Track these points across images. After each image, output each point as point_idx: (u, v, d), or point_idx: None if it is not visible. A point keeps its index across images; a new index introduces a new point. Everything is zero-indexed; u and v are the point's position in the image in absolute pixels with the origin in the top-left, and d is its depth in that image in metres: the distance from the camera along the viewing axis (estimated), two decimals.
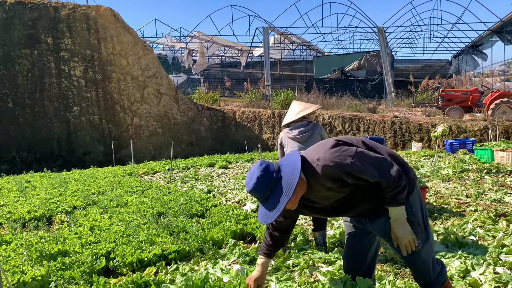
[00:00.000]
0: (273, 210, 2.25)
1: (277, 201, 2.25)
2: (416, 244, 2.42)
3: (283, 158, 2.48)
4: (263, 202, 2.32)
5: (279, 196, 2.25)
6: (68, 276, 3.64)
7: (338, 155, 2.30)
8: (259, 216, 2.38)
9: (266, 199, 2.29)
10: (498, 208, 5.55)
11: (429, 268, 2.57)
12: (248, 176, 2.35)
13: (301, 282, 3.27)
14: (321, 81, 27.89)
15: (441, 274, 2.63)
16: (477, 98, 17.33)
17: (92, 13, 16.78)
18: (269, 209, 2.28)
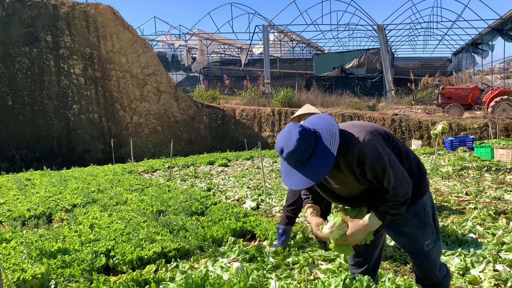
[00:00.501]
0: (317, 172, 2.09)
1: (321, 161, 2.09)
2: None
3: (311, 118, 2.31)
4: (300, 165, 2.12)
5: (322, 157, 2.09)
6: (68, 274, 3.64)
7: (379, 147, 2.20)
8: (291, 183, 2.18)
9: (306, 161, 2.11)
10: (497, 205, 5.56)
11: (436, 269, 2.54)
12: (283, 137, 2.15)
13: (301, 280, 3.28)
14: (321, 79, 27.86)
15: (447, 276, 2.60)
16: (477, 96, 17.32)
17: (91, 11, 16.75)
18: (309, 171, 2.10)
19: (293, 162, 2.13)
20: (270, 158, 13.22)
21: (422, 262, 2.51)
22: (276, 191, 7.44)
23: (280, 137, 2.17)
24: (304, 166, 2.12)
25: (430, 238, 2.44)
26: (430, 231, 2.45)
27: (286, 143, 2.11)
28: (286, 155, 2.11)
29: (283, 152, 2.12)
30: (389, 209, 2.23)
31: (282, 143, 2.13)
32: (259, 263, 3.65)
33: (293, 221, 4.21)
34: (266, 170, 10.40)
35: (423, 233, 2.43)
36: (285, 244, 4.14)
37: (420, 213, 2.40)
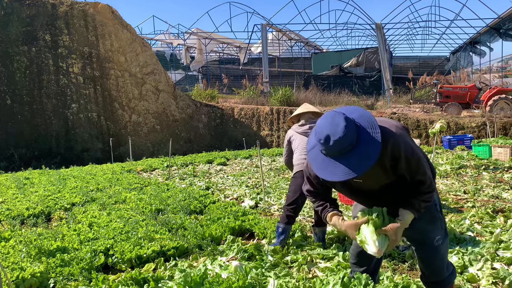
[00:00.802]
0: (363, 161, 1.96)
1: (367, 149, 1.98)
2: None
3: (343, 108, 2.17)
4: (345, 154, 1.99)
5: (367, 145, 1.98)
6: (67, 272, 3.65)
7: (409, 140, 2.20)
8: (331, 174, 2.02)
9: (351, 149, 1.98)
10: (495, 204, 5.57)
11: (444, 266, 2.52)
12: (327, 124, 2.00)
13: (300, 278, 3.29)
14: (319, 77, 27.86)
15: (453, 274, 2.58)
16: (475, 95, 17.35)
17: (90, 10, 16.72)
18: (354, 161, 1.97)
19: (337, 151, 1.98)
20: (268, 157, 13.23)
21: (431, 258, 2.49)
22: (274, 190, 7.45)
23: (322, 125, 2.02)
24: (348, 155, 1.99)
25: (440, 233, 2.45)
26: (439, 226, 2.46)
27: (333, 130, 1.96)
28: (333, 143, 1.95)
29: (329, 139, 1.95)
30: (424, 202, 2.22)
31: (327, 130, 1.97)
32: (257, 261, 3.66)
33: (293, 220, 4.22)
34: (264, 169, 10.41)
35: (433, 228, 2.43)
36: (284, 243, 4.15)
37: (432, 208, 2.40)
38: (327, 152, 2.01)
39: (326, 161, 2.04)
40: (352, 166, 1.97)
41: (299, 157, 4.26)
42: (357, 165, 1.97)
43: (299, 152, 4.29)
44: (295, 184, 4.20)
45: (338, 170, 1.99)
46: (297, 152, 4.31)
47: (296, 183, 4.20)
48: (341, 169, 1.99)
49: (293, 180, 4.27)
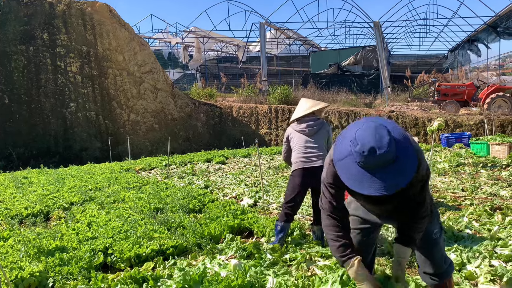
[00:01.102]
0: (400, 175, 1.92)
1: (407, 161, 1.94)
2: None
3: (373, 118, 2.09)
4: (386, 167, 1.92)
5: (406, 157, 1.94)
6: (66, 272, 3.65)
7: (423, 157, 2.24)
8: (373, 188, 1.94)
9: (393, 162, 1.92)
10: (493, 201, 5.59)
11: (442, 258, 2.57)
12: (371, 135, 1.92)
13: (298, 276, 3.30)
14: (318, 76, 27.88)
15: (451, 266, 2.62)
16: (473, 93, 17.38)
17: (88, 9, 16.69)
18: (390, 176, 1.91)
19: (379, 164, 1.91)
20: (267, 155, 13.24)
21: (430, 251, 2.53)
22: (273, 188, 7.46)
23: (364, 136, 1.93)
24: (388, 169, 1.93)
25: (437, 227, 2.51)
26: (436, 220, 2.52)
27: (378, 143, 1.89)
28: (378, 156, 1.88)
29: (375, 152, 1.88)
30: (418, 233, 2.38)
31: (372, 142, 1.89)
32: (256, 259, 3.67)
33: (291, 218, 4.23)
34: (263, 167, 10.41)
35: (431, 222, 2.48)
36: (282, 241, 4.16)
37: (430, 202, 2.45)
38: (367, 164, 1.93)
39: (362, 174, 1.96)
40: (391, 180, 1.92)
41: (297, 155, 4.26)
42: (396, 179, 1.93)
43: (297, 150, 4.29)
44: (293, 182, 4.22)
45: (376, 184, 1.93)
46: (295, 150, 4.31)
47: (294, 181, 4.21)
48: (378, 183, 1.93)
49: (291, 178, 4.28)
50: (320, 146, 4.25)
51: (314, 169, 4.12)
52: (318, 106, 4.41)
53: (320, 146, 4.24)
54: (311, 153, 4.19)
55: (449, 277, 2.61)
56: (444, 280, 2.58)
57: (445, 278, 2.58)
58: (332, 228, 2.43)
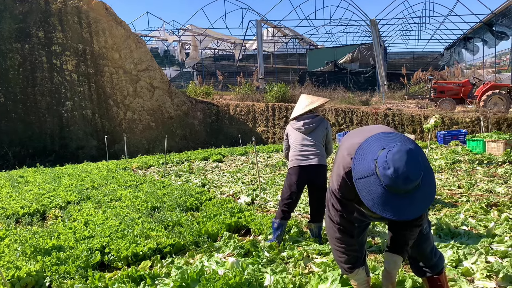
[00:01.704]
0: (423, 203, 1.96)
1: (427, 192, 1.97)
2: None
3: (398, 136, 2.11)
4: (408, 193, 1.94)
5: (427, 187, 1.98)
6: (63, 271, 3.64)
7: None
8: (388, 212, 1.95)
9: (416, 190, 1.94)
10: (489, 198, 5.61)
11: (433, 251, 2.61)
12: (407, 164, 1.89)
13: (296, 274, 3.30)
14: (314, 74, 27.87)
15: (441, 258, 2.66)
16: (469, 90, 17.43)
17: (83, 7, 16.62)
18: (414, 202, 1.94)
19: (408, 190, 1.92)
20: (264, 153, 13.24)
21: (421, 245, 2.58)
22: (270, 186, 7.46)
23: (399, 162, 1.90)
24: (413, 195, 1.95)
25: (425, 222, 2.55)
26: (425, 216, 2.56)
27: (413, 171, 1.90)
28: (410, 183, 1.90)
29: (409, 180, 1.89)
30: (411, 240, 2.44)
31: (406, 170, 1.89)
32: (254, 257, 3.67)
33: (288, 216, 4.23)
34: (260, 165, 10.42)
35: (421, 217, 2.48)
36: (280, 239, 4.16)
37: None
38: (394, 189, 1.92)
39: (386, 197, 1.95)
40: (414, 207, 1.95)
41: (294, 153, 4.27)
42: (418, 206, 1.96)
43: (293, 148, 4.31)
44: (289, 180, 4.23)
45: (398, 209, 1.95)
46: (292, 148, 4.32)
47: (290, 179, 4.23)
48: (401, 208, 1.94)
49: (288, 176, 4.30)
50: (318, 143, 4.25)
51: (310, 167, 4.13)
52: (317, 102, 4.39)
53: (317, 144, 4.24)
54: (307, 151, 4.20)
55: (440, 270, 2.64)
56: (435, 270, 2.61)
57: (437, 269, 2.62)
58: (342, 241, 2.46)
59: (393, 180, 1.89)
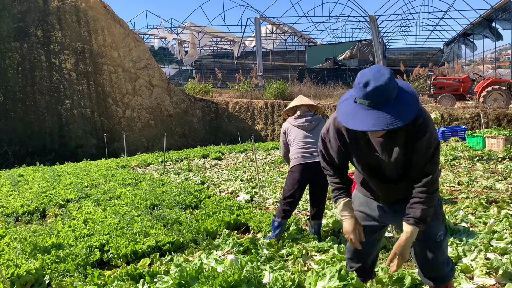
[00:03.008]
0: (391, 118, 1.93)
1: (399, 110, 1.96)
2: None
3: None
4: (376, 105, 1.96)
5: (404, 105, 1.99)
6: (62, 269, 3.64)
7: (432, 122, 2.19)
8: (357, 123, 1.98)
9: (388, 104, 1.96)
10: (489, 194, 5.61)
11: (445, 261, 2.46)
12: (371, 72, 1.98)
13: (295, 271, 3.30)
14: (314, 70, 27.81)
15: (452, 270, 2.53)
16: (468, 86, 17.41)
17: (82, 5, 16.59)
18: (381, 116, 1.94)
19: (373, 100, 1.94)
20: (263, 151, 13.23)
21: (433, 253, 2.41)
22: (269, 184, 7.46)
23: (365, 73, 1.99)
24: (381, 108, 1.96)
25: (442, 229, 2.41)
26: (441, 222, 2.43)
27: (375, 77, 1.94)
28: (372, 89, 1.92)
29: (369, 85, 1.93)
30: (428, 208, 2.19)
31: (369, 76, 1.95)
32: (253, 255, 3.67)
33: (289, 215, 4.19)
34: (259, 163, 10.41)
35: (437, 223, 2.39)
36: (279, 237, 4.15)
37: (436, 203, 2.35)
38: (362, 98, 1.97)
39: (357, 109, 2.01)
40: (384, 117, 1.94)
41: (296, 150, 4.19)
42: (390, 118, 1.94)
43: (296, 145, 4.22)
44: (292, 178, 4.15)
45: (369, 119, 1.96)
46: (294, 145, 4.24)
47: (293, 177, 4.14)
48: (371, 118, 1.96)
49: (290, 174, 4.21)
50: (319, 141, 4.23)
51: (315, 164, 4.04)
52: (313, 102, 4.44)
53: (318, 142, 4.22)
54: (310, 148, 4.14)
55: (449, 280, 2.53)
56: (444, 283, 2.49)
57: (444, 281, 2.49)
58: (331, 178, 2.52)
59: (359, 87, 1.97)
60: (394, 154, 2.20)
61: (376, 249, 2.70)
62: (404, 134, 2.14)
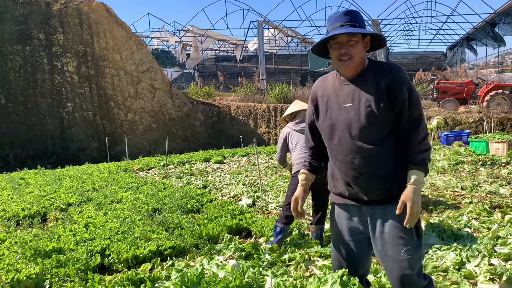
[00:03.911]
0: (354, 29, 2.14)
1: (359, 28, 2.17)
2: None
3: None
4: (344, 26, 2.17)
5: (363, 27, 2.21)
6: (63, 273, 3.62)
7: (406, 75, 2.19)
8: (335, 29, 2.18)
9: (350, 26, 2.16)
10: (493, 200, 5.57)
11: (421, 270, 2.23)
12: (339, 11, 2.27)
13: (297, 276, 3.27)
14: (316, 74, 27.73)
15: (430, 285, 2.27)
16: (472, 90, 17.38)
17: (84, 8, 16.63)
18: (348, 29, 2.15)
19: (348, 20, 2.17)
20: (266, 155, 13.21)
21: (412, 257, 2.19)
22: (272, 188, 7.43)
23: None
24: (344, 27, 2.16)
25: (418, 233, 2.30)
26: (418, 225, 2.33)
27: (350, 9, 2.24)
28: (344, 11, 2.21)
29: (343, 13, 2.21)
30: (425, 152, 2.11)
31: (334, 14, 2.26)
32: (255, 260, 3.64)
33: (291, 221, 4.16)
34: (262, 167, 10.39)
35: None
36: (281, 242, 4.12)
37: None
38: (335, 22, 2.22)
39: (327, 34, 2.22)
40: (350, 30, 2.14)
41: (299, 155, 4.14)
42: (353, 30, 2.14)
43: (299, 150, 4.18)
44: (295, 183, 4.08)
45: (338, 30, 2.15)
46: (297, 150, 4.20)
47: (296, 182, 4.06)
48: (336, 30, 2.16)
49: (293, 179, 4.18)
50: None
51: None
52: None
53: None
54: None
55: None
56: None
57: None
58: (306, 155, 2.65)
59: (332, 17, 2.25)
60: (364, 103, 2.13)
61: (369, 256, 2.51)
62: (381, 81, 2.12)
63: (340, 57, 2.17)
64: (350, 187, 2.28)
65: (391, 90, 2.10)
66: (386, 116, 2.12)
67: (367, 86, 2.14)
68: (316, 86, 2.44)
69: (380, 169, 2.18)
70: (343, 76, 2.25)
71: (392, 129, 2.16)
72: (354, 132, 2.17)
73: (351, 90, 2.19)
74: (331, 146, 2.33)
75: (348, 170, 2.25)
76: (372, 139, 2.15)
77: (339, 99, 2.23)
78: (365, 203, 2.25)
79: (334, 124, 2.25)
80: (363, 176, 2.21)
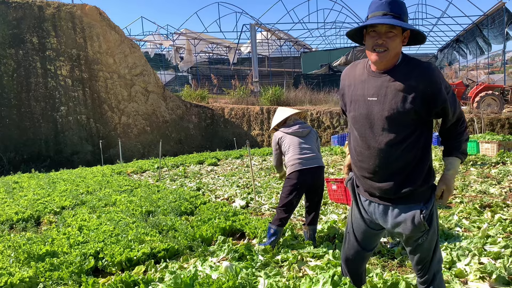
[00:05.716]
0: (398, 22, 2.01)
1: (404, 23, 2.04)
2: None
3: None
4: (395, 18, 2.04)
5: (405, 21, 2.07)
6: (56, 276, 3.63)
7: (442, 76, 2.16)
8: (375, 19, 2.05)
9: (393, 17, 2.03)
10: (483, 199, 5.64)
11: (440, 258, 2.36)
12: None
13: (290, 277, 3.30)
14: (309, 76, 27.88)
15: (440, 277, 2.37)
16: (462, 91, 17.52)
17: (77, 12, 16.61)
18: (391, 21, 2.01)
19: (387, 9, 2.05)
20: (259, 157, 13.24)
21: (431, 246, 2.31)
22: (265, 190, 7.46)
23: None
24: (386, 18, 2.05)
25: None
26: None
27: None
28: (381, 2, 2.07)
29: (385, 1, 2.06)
30: (465, 142, 2.19)
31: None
32: (248, 261, 3.67)
33: (285, 222, 4.16)
34: (255, 169, 10.42)
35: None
36: (274, 244, 4.14)
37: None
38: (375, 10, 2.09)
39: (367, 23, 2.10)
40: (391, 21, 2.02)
41: (293, 157, 4.15)
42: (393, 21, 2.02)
43: (292, 152, 4.19)
44: (290, 185, 4.10)
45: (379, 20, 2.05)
46: (290, 152, 4.20)
47: (291, 183, 4.09)
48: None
49: (288, 180, 4.17)
50: (313, 147, 4.21)
51: (312, 169, 4.05)
52: (296, 111, 4.45)
53: (313, 148, 4.19)
54: (306, 154, 4.12)
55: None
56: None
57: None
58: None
59: (374, 3, 2.11)
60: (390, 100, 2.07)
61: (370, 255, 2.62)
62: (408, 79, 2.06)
63: (375, 47, 2.08)
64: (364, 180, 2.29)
65: (428, 92, 2.04)
66: (409, 116, 2.06)
67: (396, 83, 2.07)
68: (345, 73, 2.38)
69: (395, 170, 2.15)
70: (374, 67, 2.17)
71: (412, 132, 2.10)
72: (374, 128, 2.14)
73: (379, 84, 2.12)
74: (353, 137, 2.31)
75: (363, 166, 2.24)
76: (390, 138, 2.11)
77: (365, 91, 2.17)
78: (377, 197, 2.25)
79: (356, 116, 2.22)
80: (375, 177, 2.20)
